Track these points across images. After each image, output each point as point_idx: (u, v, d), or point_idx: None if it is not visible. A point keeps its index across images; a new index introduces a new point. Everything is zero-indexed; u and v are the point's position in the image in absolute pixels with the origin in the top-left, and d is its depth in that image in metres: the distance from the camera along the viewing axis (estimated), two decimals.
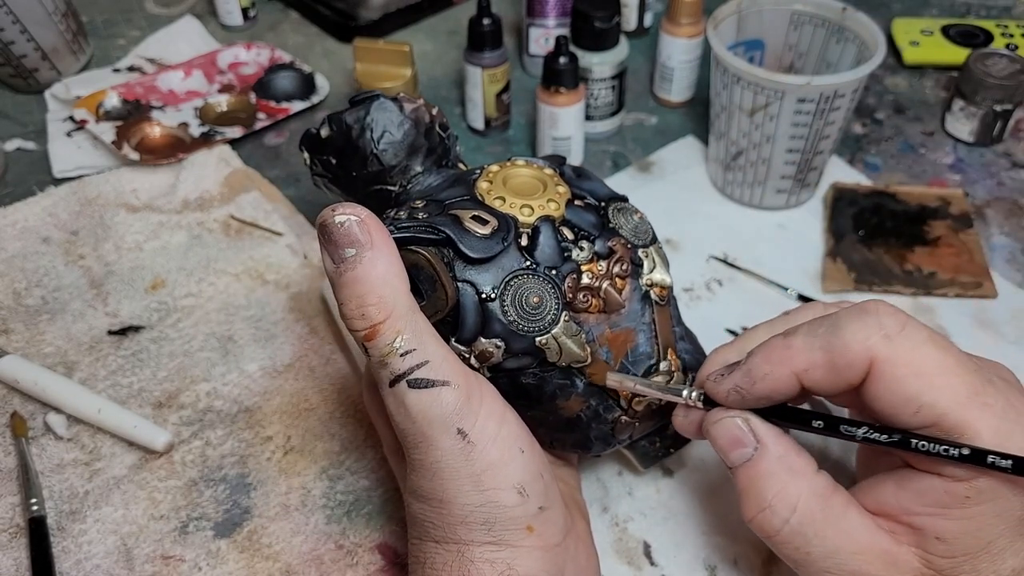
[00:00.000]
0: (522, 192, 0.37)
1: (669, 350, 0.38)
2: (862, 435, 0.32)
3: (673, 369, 0.38)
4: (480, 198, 0.36)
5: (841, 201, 0.61)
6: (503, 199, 0.36)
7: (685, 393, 0.36)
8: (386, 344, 0.31)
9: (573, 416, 0.37)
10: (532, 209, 0.36)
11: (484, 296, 0.34)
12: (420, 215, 0.35)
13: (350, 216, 0.32)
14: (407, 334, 0.31)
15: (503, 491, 0.33)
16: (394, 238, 0.33)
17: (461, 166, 0.43)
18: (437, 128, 0.41)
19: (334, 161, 0.41)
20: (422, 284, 0.34)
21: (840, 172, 0.64)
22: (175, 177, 0.64)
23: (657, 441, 0.42)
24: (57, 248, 0.59)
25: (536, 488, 0.34)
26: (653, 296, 0.38)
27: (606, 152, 0.68)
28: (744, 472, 0.34)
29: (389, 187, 0.40)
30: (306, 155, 0.43)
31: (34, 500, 0.44)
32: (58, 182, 0.65)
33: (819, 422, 0.33)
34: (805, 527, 0.32)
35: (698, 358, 0.40)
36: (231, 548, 0.43)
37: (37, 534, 0.43)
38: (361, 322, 0.31)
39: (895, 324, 0.31)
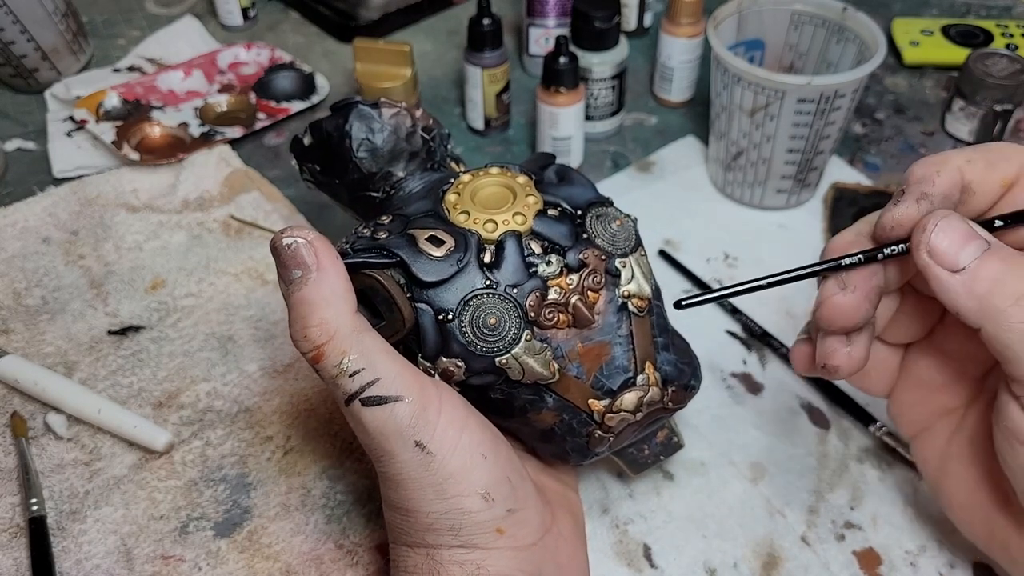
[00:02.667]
0: (488, 205, 0.36)
1: (647, 363, 0.37)
2: None
3: (650, 383, 0.37)
4: (445, 212, 0.36)
5: (841, 201, 0.61)
6: (467, 213, 0.35)
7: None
8: (333, 366, 0.32)
9: (547, 428, 0.37)
10: (496, 224, 0.35)
11: (441, 317, 0.34)
12: (382, 234, 0.35)
13: (297, 238, 0.32)
14: (353, 354, 0.32)
15: (466, 498, 0.33)
16: (347, 263, 0.33)
17: (453, 165, 0.42)
18: (420, 132, 0.41)
19: (318, 168, 0.41)
20: (380, 306, 0.34)
21: (840, 172, 0.64)
22: (175, 177, 0.64)
23: (646, 448, 0.42)
24: (57, 248, 0.59)
25: (502, 492, 0.34)
26: (631, 307, 0.37)
27: (606, 152, 0.68)
28: (987, 264, 0.31)
29: (372, 193, 0.40)
30: (294, 161, 0.43)
31: (34, 500, 0.44)
32: (58, 182, 0.65)
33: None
34: None
35: (682, 368, 0.39)
36: (231, 548, 0.43)
37: (37, 534, 0.43)
38: (304, 343, 0.32)
39: None
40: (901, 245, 0.33)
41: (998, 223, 0.33)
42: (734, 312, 0.54)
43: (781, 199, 0.61)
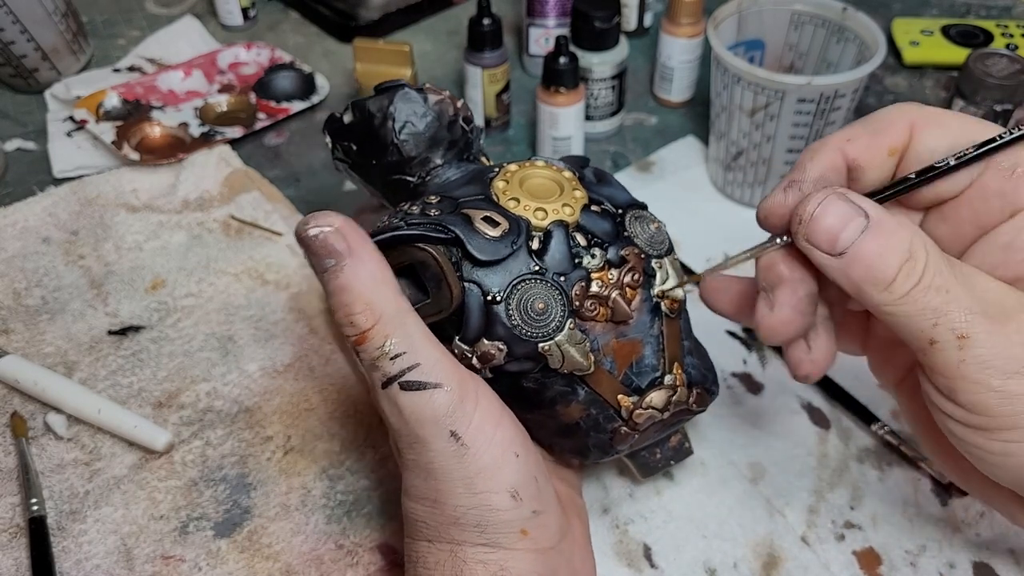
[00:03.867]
0: (538, 194, 0.36)
1: (675, 364, 0.38)
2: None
3: (677, 384, 0.38)
4: (495, 198, 0.36)
5: None
6: (517, 200, 0.36)
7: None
8: (376, 348, 0.31)
9: (573, 423, 0.37)
10: (546, 213, 0.35)
11: (489, 298, 0.34)
12: (432, 212, 0.35)
13: (323, 227, 0.31)
14: (396, 338, 0.31)
15: (496, 494, 0.33)
16: (403, 235, 0.33)
17: (483, 160, 0.42)
18: (460, 121, 0.41)
19: (355, 148, 0.41)
20: (428, 282, 0.34)
21: None
22: (175, 177, 0.64)
23: (658, 452, 0.42)
24: (57, 248, 0.59)
25: (530, 492, 0.34)
26: (664, 308, 0.37)
27: (606, 152, 0.68)
28: (866, 244, 0.30)
29: (408, 177, 0.40)
30: (328, 139, 0.42)
31: (34, 500, 0.44)
32: (58, 182, 0.65)
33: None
34: (939, 268, 0.30)
35: (705, 374, 0.39)
36: (231, 548, 0.43)
37: (37, 534, 0.43)
38: (350, 329, 0.32)
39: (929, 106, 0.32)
40: (785, 236, 0.33)
41: (905, 182, 0.32)
42: None
43: None
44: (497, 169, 0.38)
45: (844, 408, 0.49)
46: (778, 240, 0.33)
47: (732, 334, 0.53)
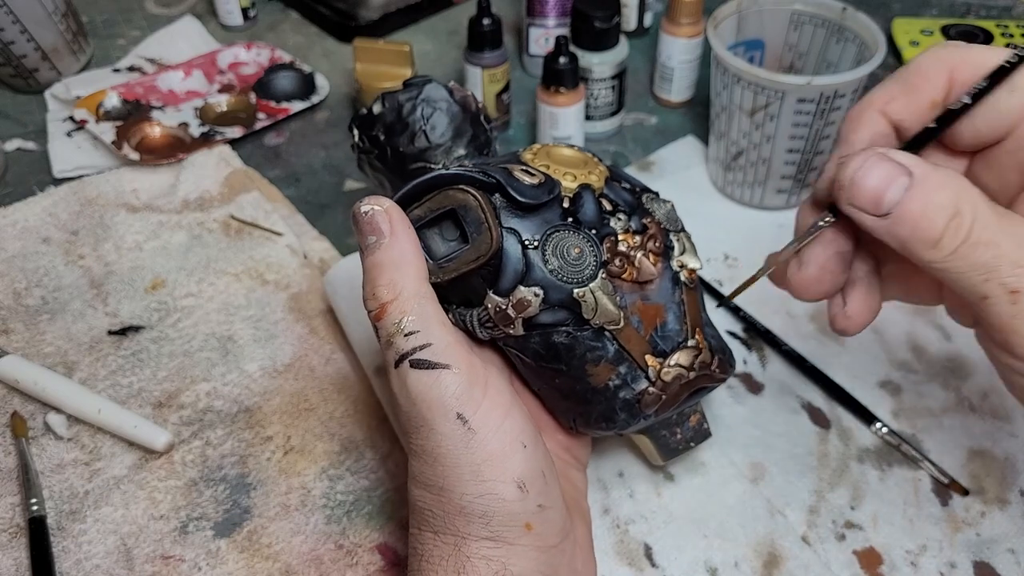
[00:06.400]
0: (565, 163, 0.38)
1: (697, 330, 0.39)
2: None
3: (700, 346, 0.39)
4: (526, 163, 0.38)
5: None
6: (547, 166, 0.37)
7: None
8: (392, 323, 0.33)
9: (601, 385, 0.38)
10: (575, 176, 0.37)
11: (527, 243, 0.35)
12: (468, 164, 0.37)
13: (374, 207, 0.34)
14: (412, 316, 0.33)
15: (503, 484, 0.33)
16: (447, 174, 0.35)
17: None
18: (482, 119, 0.42)
19: (382, 137, 0.42)
20: (468, 226, 0.35)
21: None
22: (175, 177, 0.64)
23: (678, 432, 0.42)
24: (57, 248, 0.59)
25: (537, 485, 0.34)
26: (683, 278, 0.39)
27: (606, 152, 0.68)
28: (910, 203, 0.29)
29: (432, 165, 0.41)
30: (355, 133, 0.44)
31: (34, 500, 0.44)
32: (58, 182, 0.65)
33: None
34: (986, 222, 0.29)
35: (722, 344, 0.41)
36: (231, 548, 0.43)
37: (37, 534, 0.43)
38: (372, 302, 0.33)
39: (964, 43, 0.32)
40: (828, 217, 0.33)
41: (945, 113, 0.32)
42: (736, 312, 0.54)
43: (781, 199, 0.61)
44: (521, 149, 0.40)
45: (844, 408, 0.49)
46: (821, 223, 0.34)
47: (733, 334, 0.53)
